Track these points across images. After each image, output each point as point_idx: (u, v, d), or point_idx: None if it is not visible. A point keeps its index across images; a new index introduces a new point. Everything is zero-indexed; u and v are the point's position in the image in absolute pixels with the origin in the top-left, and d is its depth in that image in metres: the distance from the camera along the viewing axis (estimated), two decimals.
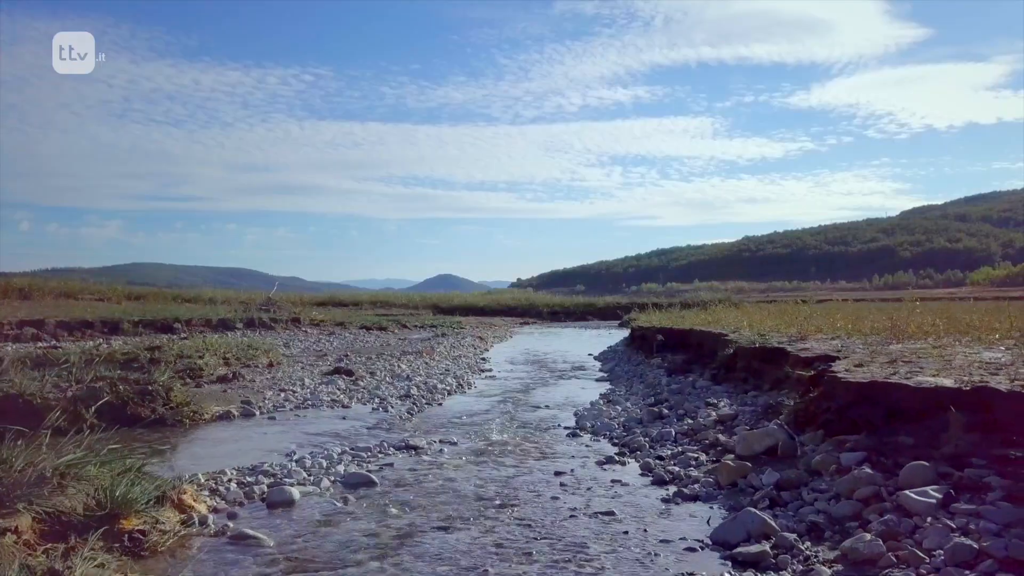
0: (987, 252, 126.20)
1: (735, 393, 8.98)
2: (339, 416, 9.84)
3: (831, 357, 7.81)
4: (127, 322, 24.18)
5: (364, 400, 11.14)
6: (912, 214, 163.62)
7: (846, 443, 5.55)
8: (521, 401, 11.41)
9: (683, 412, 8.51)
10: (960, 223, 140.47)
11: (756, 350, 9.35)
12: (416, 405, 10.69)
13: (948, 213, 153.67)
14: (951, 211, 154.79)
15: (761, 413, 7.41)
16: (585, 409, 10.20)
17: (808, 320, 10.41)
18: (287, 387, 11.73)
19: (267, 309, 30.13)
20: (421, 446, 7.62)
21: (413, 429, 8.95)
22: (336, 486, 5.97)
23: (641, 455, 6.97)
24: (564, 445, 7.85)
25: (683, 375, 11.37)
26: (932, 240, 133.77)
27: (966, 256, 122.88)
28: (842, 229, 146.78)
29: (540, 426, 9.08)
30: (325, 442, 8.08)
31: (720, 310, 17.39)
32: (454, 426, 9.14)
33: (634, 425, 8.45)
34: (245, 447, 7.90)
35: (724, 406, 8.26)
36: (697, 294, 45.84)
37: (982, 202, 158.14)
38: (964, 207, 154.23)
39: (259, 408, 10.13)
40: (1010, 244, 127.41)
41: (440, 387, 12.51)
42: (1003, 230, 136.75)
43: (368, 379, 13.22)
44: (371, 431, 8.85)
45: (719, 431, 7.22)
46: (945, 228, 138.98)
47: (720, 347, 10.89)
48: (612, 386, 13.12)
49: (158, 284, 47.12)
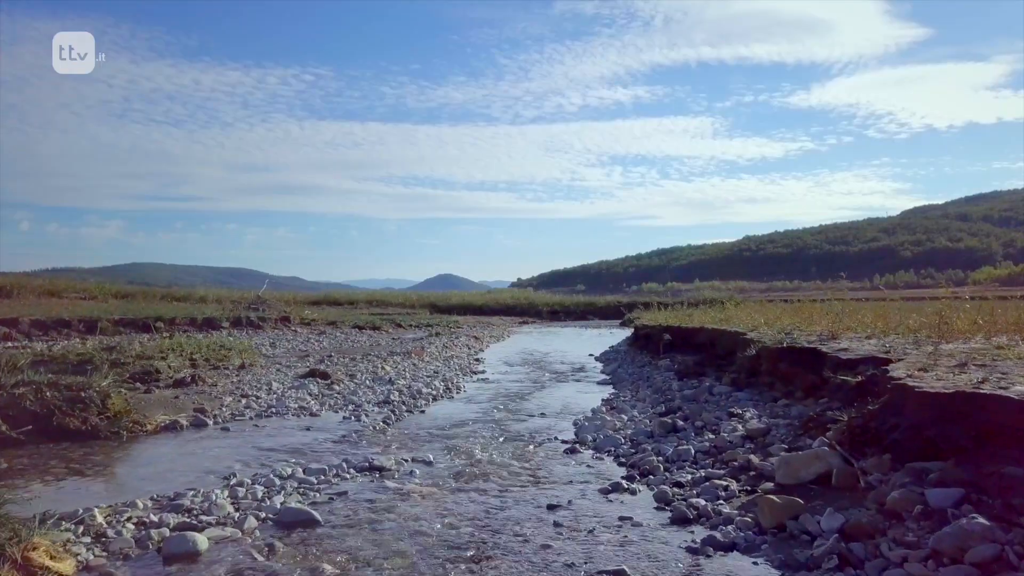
0: (988, 252, 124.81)
1: (761, 401, 7.61)
2: (303, 426, 8.48)
3: (881, 359, 6.46)
4: (106, 321, 22.80)
5: (337, 407, 9.79)
6: (913, 214, 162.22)
7: (928, 473, 4.19)
8: (514, 408, 10.06)
9: (702, 424, 7.14)
10: (961, 223, 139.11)
11: (784, 351, 7.99)
12: (395, 413, 9.35)
13: (949, 213, 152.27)
14: (952, 211, 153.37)
15: (799, 428, 6.05)
16: (586, 418, 8.84)
17: (837, 317, 9.05)
18: (251, 392, 10.38)
19: (256, 308, 28.76)
20: (388, 467, 6.26)
21: (386, 443, 7.60)
22: (266, 526, 4.61)
23: (655, 480, 5.61)
24: (560, 465, 6.50)
25: (696, 379, 10.00)
26: (933, 240, 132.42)
27: (967, 256, 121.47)
28: (843, 229, 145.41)
29: (533, 439, 7.72)
30: (278, 460, 6.74)
31: (731, 307, 16.06)
32: (434, 439, 7.79)
33: (643, 439, 7.09)
34: (180, 466, 6.55)
35: (751, 418, 6.89)
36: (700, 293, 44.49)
37: (983, 202, 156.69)
38: (965, 207, 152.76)
39: (213, 417, 8.78)
40: (1011, 244, 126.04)
41: (425, 392, 11.16)
42: (1004, 230, 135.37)
43: (346, 383, 11.87)
44: (336, 445, 7.50)
45: (749, 450, 5.86)
46: (946, 228, 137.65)
47: (739, 347, 9.52)
48: (615, 390, 11.76)
49: (158, 284, 45.81)
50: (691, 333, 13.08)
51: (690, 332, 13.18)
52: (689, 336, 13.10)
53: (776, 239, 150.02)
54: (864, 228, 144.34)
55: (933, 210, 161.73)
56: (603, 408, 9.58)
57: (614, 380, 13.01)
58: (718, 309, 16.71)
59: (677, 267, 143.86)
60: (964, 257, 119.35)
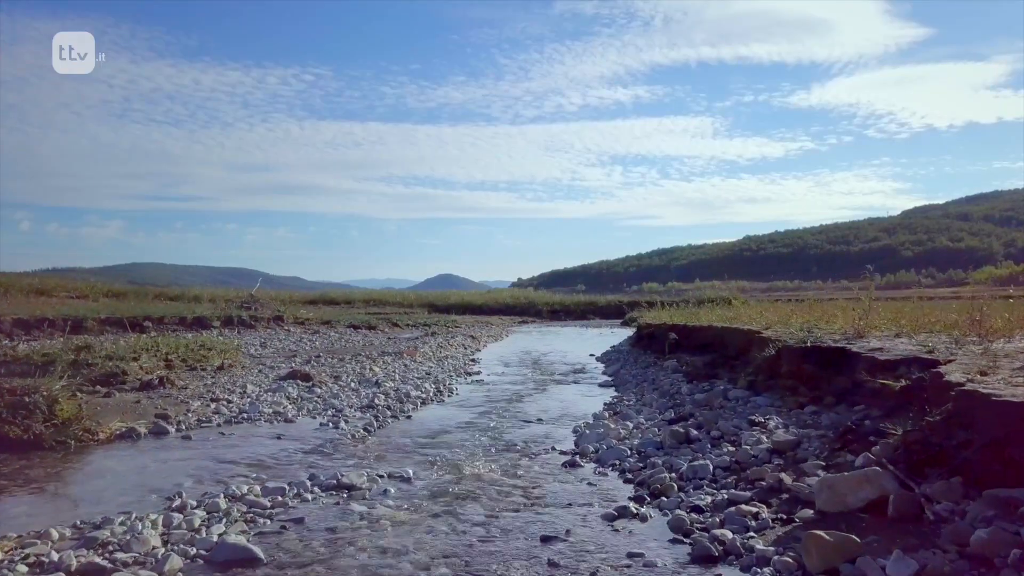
0: (989, 251, 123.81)
1: (785, 408, 6.72)
2: (275, 434, 7.62)
3: (926, 360, 5.58)
4: (92, 320, 21.94)
5: (316, 412, 8.92)
6: (913, 213, 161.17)
7: (1019, 505, 3.31)
8: (509, 413, 9.19)
9: (718, 434, 6.26)
10: (962, 222, 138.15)
11: (809, 351, 7.10)
12: (378, 419, 8.48)
13: (950, 212, 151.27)
14: (953, 210, 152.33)
15: (835, 440, 5.17)
16: (587, 425, 7.97)
17: (863, 313, 8.16)
18: (223, 396, 9.50)
19: (248, 307, 27.88)
20: (358, 485, 5.39)
21: (363, 454, 6.74)
22: (193, 567, 3.75)
23: (668, 503, 4.74)
24: (558, 482, 5.62)
25: (707, 382, 9.12)
26: (934, 239, 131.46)
27: (968, 255, 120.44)
28: (843, 228, 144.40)
29: (528, 450, 6.85)
30: (236, 475, 5.87)
31: (739, 305, 15.21)
32: (417, 450, 6.92)
33: (653, 451, 6.21)
34: (124, 483, 5.69)
35: (777, 427, 6.01)
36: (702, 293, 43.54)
37: (984, 201, 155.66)
38: (965, 206, 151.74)
39: (177, 424, 7.92)
40: (1012, 243, 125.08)
41: (414, 395, 10.29)
42: (1005, 229, 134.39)
43: (328, 385, 10.99)
44: (307, 456, 6.64)
45: (778, 467, 4.98)
46: (947, 227, 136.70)
47: (755, 347, 8.64)
48: (618, 393, 10.88)
49: (158, 284, 44.84)
50: (699, 332, 12.19)
51: (698, 331, 12.29)
52: (697, 335, 12.22)
53: (777, 239, 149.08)
54: (865, 228, 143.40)
55: (934, 210, 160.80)
56: (606, 413, 8.71)
57: (617, 382, 12.14)
58: (725, 307, 15.84)
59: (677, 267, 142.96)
60: (965, 257, 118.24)
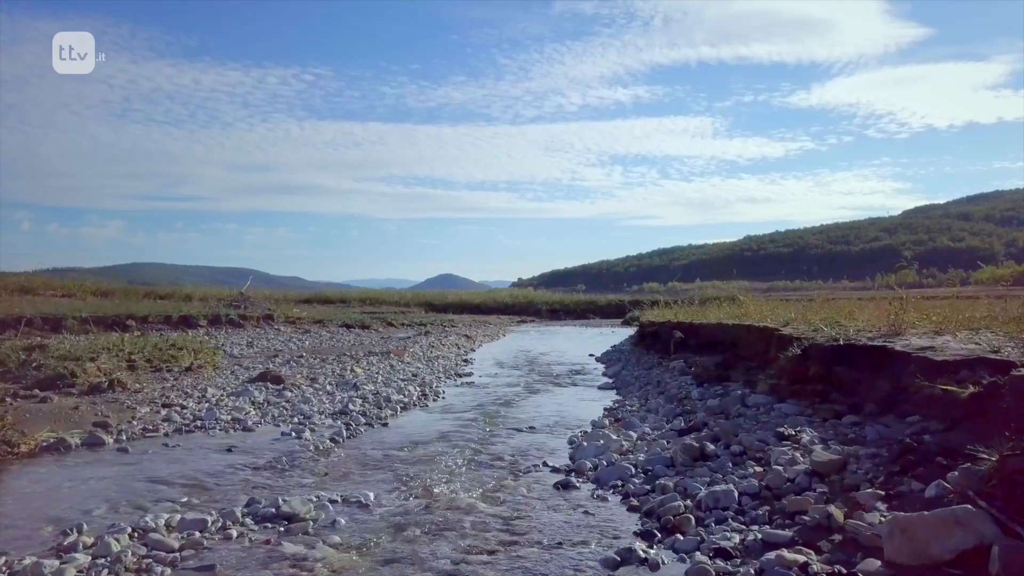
0: (990, 251, 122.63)
1: (817, 417, 5.68)
2: (226, 446, 6.59)
3: (995, 362, 4.55)
4: (72, 319, 20.94)
5: (281, 418, 7.90)
6: (914, 213, 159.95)
7: None
8: (498, 420, 8.16)
9: (740, 449, 5.22)
10: (963, 222, 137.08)
11: (843, 350, 6.05)
12: (350, 427, 7.47)
13: (950, 212, 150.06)
14: (953, 210, 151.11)
15: (892, 461, 4.14)
16: (584, 434, 6.95)
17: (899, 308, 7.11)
18: (177, 401, 8.47)
19: (238, 305, 26.85)
20: (302, 515, 4.36)
21: (322, 471, 5.71)
22: None
23: (685, 542, 3.71)
24: (548, 509, 4.60)
25: (720, 385, 8.07)
26: (935, 239, 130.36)
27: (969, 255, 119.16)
28: (844, 228, 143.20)
29: (516, 466, 5.83)
30: (162, 499, 4.86)
31: (748, 302, 14.18)
32: (387, 465, 5.90)
33: (662, 470, 5.17)
34: (20, 511, 4.67)
35: (812, 442, 4.96)
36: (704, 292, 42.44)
37: (984, 201, 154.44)
38: (966, 206, 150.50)
39: (117, 433, 6.89)
40: (1013, 243, 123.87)
41: (395, 399, 9.27)
42: (1006, 229, 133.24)
43: (303, 388, 9.96)
44: (255, 474, 5.61)
45: (822, 496, 3.94)
46: (948, 227, 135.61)
47: (774, 347, 7.59)
48: (620, 397, 9.86)
49: (158, 284, 43.77)
50: (707, 330, 11.15)
51: (706, 329, 11.25)
52: (704, 334, 11.18)
53: (777, 239, 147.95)
54: (865, 228, 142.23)
55: (934, 210, 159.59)
56: (606, 421, 7.68)
57: (618, 384, 11.11)
58: (732, 305, 14.80)
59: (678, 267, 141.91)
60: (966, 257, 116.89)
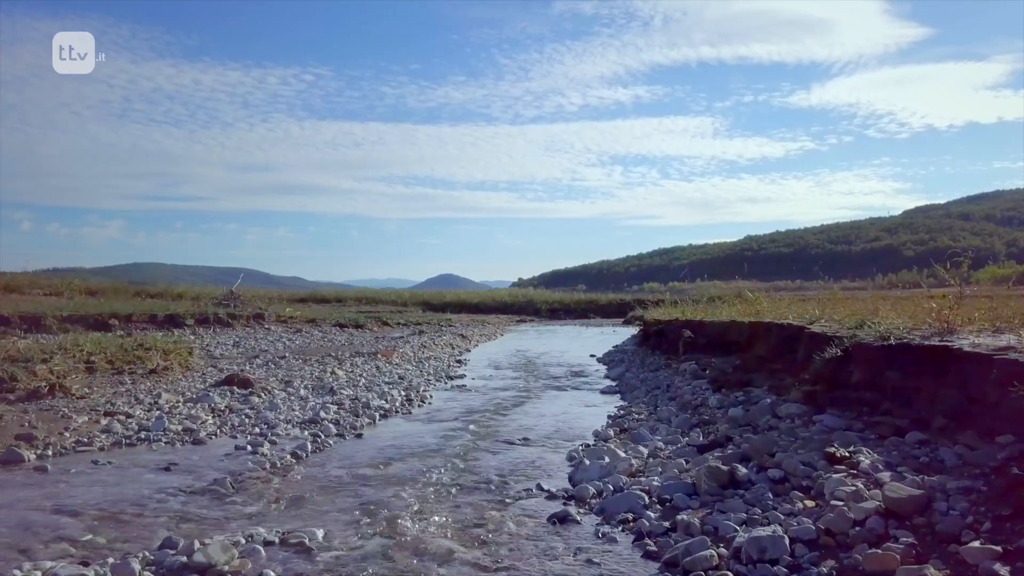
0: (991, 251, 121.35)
1: (870, 432, 4.64)
2: (167, 463, 5.58)
3: None
4: (52, 317, 19.93)
5: (241, 428, 6.89)
6: (915, 213, 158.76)
7: None
8: (488, 430, 7.15)
9: (781, 474, 4.18)
10: (963, 222, 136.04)
11: (894, 351, 5.01)
12: (317, 439, 6.47)
13: (951, 212, 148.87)
14: (954, 210, 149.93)
15: (998, 498, 3.11)
16: (585, 448, 5.93)
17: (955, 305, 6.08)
18: (124, 408, 7.44)
19: (227, 304, 25.82)
20: (219, 566, 3.35)
21: (272, 497, 4.71)
22: None
23: None
24: (541, 556, 3.58)
25: (740, 390, 7.03)
26: (936, 239, 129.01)
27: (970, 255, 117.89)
28: (845, 228, 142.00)
29: (505, 489, 4.82)
30: (57, 538, 3.85)
31: (760, 300, 13.18)
32: (351, 488, 4.90)
33: (683, 499, 4.15)
34: None
35: (876, 467, 3.91)
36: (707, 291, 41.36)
37: (985, 201, 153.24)
38: (967, 206, 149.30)
39: (43, 447, 5.88)
40: (1014, 243, 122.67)
41: (375, 405, 8.26)
42: (1007, 229, 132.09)
43: (274, 393, 8.94)
44: (189, 501, 4.61)
45: (910, 548, 2.92)
46: (948, 227, 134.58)
47: (803, 347, 6.55)
48: (625, 402, 8.85)
49: (157, 283, 42.67)
50: (720, 329, 10.11)
51: (719, 328, 10.22)
52: (717, 333, 10.15)
53: (778, 239, 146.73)
54: (866, 227, 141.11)
55: (935, 209, 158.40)
56: (610, 432, 6.66)
57: (622, 388, 10.09)
58: (744, 302, 13.79)
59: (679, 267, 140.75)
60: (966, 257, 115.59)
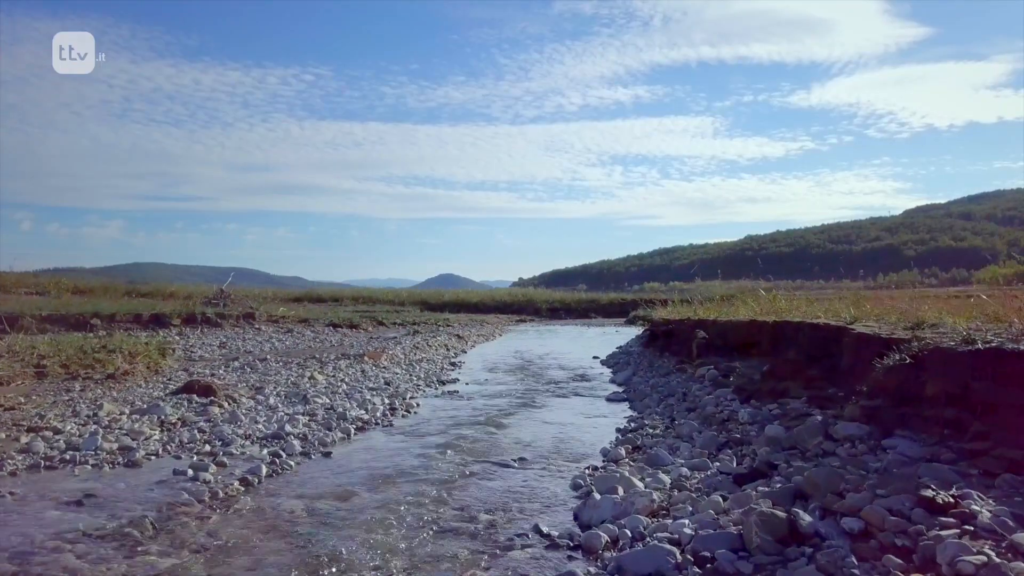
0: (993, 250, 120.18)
1: (963, 463, 3.59)
2: (83, 492, 4.55)
3: None
4: (30, 316, 18.89)
5: (191, 445, 5.86)
6: (916, 213, 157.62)
7: None
8: (478, 446, 6.12)
9: (860, 526, 3.10)
10: (965, 221, 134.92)
11: (982, 358, 3.96)
12: (278, 458, 5.44)
13: (952, 212, 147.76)
14: (955, 210, 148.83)
15: None
16: (594, 473, 4.90)
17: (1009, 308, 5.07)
18: (53, 422, 6.39)
19: (217, 303, 24.78)
20: None
21: (199, 542, 3.68)
22: None
23: None
24: None
25: (774, 402, 5.97)
26: (937, 239, 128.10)
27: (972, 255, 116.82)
28: (846, 228, 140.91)
29: (492, 535, 3.79)
30: None
31: (777, 298, 12.16)
32: (300, 529, 3.86)
33: (730, 560, 3.11)
34: None
35: (1003, 521, 2.86)
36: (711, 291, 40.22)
37: (986, 201, 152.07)
38: (968, 206, 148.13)
39: None
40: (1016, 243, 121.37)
41: (352, 415, 7.24)
42: (1008, 229, 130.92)
43: (239, 401, 7.90)
44: (94, 547, 3.59)
45: None
46: (950, 227, 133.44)
47: (848, 351, 5.50)
48: (635, 411, 7.82)
49: (151, 283, 41.62)
50: (739, 330, 9.05)
51: (737, 328, 9.16)
52: (736, 334, 9.09)
53: (779, 238, 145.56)
54: (867, 227, 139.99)
55: (936, 209, 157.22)
56: (621, 451, 5.62)
57: (630, 394, 9.05)
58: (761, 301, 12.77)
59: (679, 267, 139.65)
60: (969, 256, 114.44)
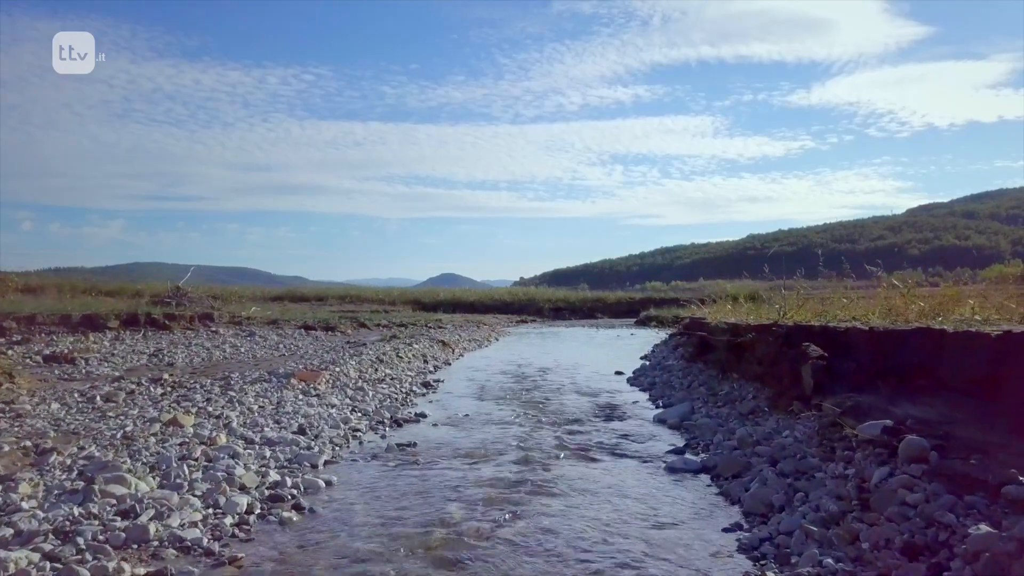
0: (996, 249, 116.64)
1: None
2: None
3: None
4: None
5: None
6: (918, 212, 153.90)
7: None
8: None
9: None
10: (968, 220, 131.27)
11: None
12: None
13: (955, 211, 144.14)
14: (958, 208, 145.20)
15: None
16: None
17: None
18: None
19: (170, 302, 21.03)
20: None
21: None
22: None
23: None
24: None
25: None
26: (940, 238, 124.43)
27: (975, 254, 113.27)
28: (848, 227, 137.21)
29: None
30: None
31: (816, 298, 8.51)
32: None
33: None
34: None
35: None
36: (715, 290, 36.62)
37: (989, 199, 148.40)
38: (970, 204, 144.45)
39: None
40: (1019, 241, 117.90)
41: (174, 523, 3.47)
42: (1012, 227, 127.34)
43: None
44: None
45: None
46: (953, 226, 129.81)
47: None
48: (726, 499, 4.06)
49: (156, 283, 37.83)
50: (893, 344, 5.24)
51: (891, 342, 5.34)
52: (880, 349, 5.29)
53: (781, 237, 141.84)
54: (870, 226, 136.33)
55: (939, 208, 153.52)
56: None
57: (707, 454, 5.28)
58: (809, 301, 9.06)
59: (680, 266, 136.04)
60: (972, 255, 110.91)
